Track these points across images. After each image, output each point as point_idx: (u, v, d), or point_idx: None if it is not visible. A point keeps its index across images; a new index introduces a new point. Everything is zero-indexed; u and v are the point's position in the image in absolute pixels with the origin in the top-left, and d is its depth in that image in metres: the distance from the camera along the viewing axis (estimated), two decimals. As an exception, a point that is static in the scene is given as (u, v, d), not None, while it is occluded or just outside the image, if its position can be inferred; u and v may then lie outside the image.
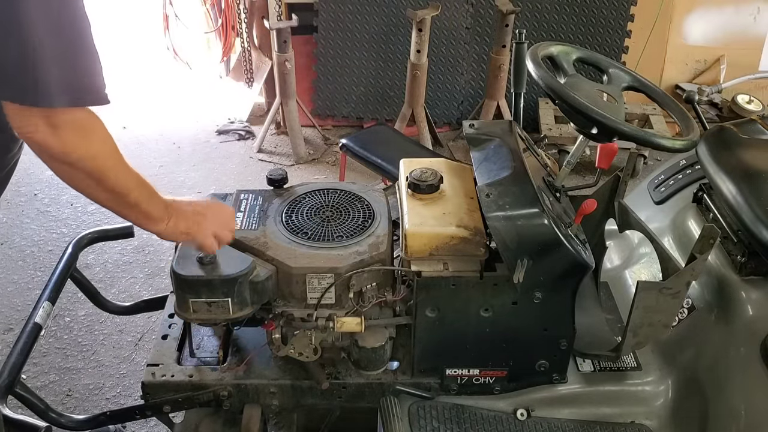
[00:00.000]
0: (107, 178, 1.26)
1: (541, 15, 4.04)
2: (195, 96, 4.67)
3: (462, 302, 1.58)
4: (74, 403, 2.48)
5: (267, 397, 1.69)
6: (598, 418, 1.71)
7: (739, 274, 1.66)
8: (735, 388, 1.57)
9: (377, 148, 3.03)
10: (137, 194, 1.32)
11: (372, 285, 1.61)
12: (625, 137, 1.45)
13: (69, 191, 3.67)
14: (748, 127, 1.95)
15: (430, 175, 1.68)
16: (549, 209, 1.52)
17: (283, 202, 1.73)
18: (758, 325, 1.58)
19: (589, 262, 1.51)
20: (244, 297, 1.53)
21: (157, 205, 1.38)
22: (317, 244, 1.61)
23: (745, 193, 1.65)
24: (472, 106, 4.27)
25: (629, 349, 1.67)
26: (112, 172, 1.27)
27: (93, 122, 1.20)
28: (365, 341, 1.63)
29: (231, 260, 1.54)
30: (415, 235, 1.56)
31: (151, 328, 2.78)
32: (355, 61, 4.12)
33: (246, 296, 1.53)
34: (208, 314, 1.54)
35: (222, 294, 1.51)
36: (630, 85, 1.69)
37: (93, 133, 1.21)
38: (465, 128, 1.79)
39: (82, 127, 1.18)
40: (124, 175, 1.30)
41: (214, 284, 1.50)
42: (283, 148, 4.19)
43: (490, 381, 1.70)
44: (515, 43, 1.78)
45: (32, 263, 3.13)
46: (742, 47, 4.31)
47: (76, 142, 1.18)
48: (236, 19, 4.17)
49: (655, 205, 2.02)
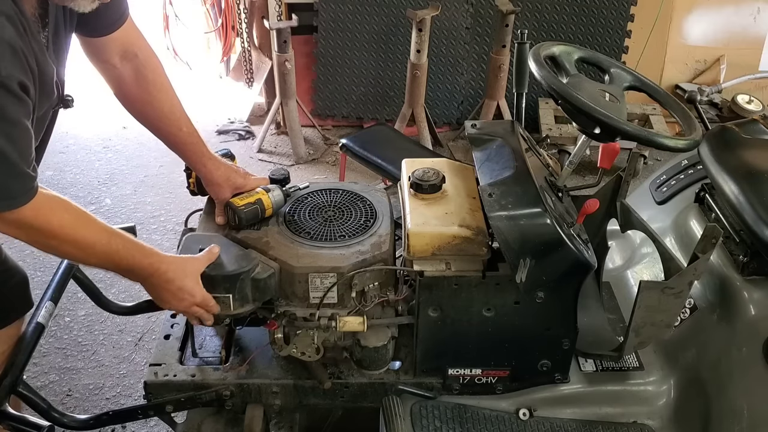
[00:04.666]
0: (63, 253, 1.40)
1: (541, 15, 4.04)
2: (195, 96, 4.66)
3: (464, 302, 1.58)
4: (74, 403, 2.48)
5: (269, 396, 1.69)
6: (601, 417, 1.71)
7: (742, 274, 1.66)
8: (737, 387, 1.57)
9: (377, 148, 3.03)
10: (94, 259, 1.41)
11: (374, 285, 1.61)
12: (628, 137, 1.45)
13: (69, 191, 3.68)
14: (750, 127, 1.95)
15: (433, 175, 1.68)
16: (551, 209, 1.52)
17: (286, 202, 1.73)
18: (760, 325, 1.58)
19: (592, 261, 1.51)
20: (246, 294, 1.53)
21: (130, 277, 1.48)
22: (320, 244, 1.61)
23: (747, 193, 1.65)
24: (472, 106, 4.27)
25: (631, 349, 1.67)
26: (65, 247, 1.36)
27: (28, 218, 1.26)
28: (367, 341, 1.63)
29: (234, 257, 1.55)
30: (418, 235, 1.55)
31: (151, 329, 2.78)
32: (355, 61, 4.12)
33: (247, 293, 1.53)
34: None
35: (224, 290, 1.52)
36: (632, 85, 1.69)
37: (30, 228, 1.28)
38: (467, 128, 1.79)
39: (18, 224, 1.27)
40: (85, 258, 1.41)
41: (216, 280, 1.51)
42: (283, 148, 4.19)
43: (492, 381, 1.70)
44: (517, 43, 1.78)
45: (32, 263, 3.12)
46: (742, 47, 4.32)
47: (16, 233, 1.28)
48: (236, 19, 4.16)
49: (657, 205, 2.02)
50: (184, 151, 1.69)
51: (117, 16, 1.51)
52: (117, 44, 1.55)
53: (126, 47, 1.57)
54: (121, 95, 1.63)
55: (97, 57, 1.57)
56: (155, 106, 1.63)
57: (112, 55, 1.57)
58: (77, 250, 1.37)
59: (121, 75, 1.60)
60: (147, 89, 1.61)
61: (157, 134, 1.68)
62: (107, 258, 1.40)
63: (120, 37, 1.54)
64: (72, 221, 1.34)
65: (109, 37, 1.52)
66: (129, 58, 1.58)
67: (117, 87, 1.62)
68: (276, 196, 1.69)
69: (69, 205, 1.35)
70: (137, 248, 1.44)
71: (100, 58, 1.57)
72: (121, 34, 1.53)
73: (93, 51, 1.56)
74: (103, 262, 1.41)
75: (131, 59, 1.59)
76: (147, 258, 1.45)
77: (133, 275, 1.46)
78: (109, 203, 3.64)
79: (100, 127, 4.28)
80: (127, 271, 1.44)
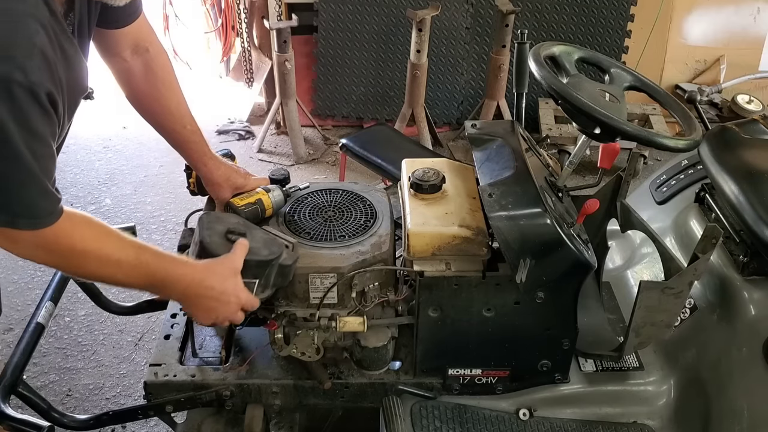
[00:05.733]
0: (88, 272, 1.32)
1: (541, 15, 4.05)
2: (195, 96, 4.65)
3: (464, 302, 1.58)
4: (74, 403, 2.48)
5: (269, 396, 1.69)
6: (601, 418, 1.71)
7: (742, 274, 1.66)
8: (737, 388, 1.57)
9: (377, 148, 3.03)
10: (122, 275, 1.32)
11: (374, 285, 1.61)
12: (628, 137, 1.45)
13: (69, 191, 3.68)
14: (751, 127, 1.95)
15: (433, 175, 1.68)
16: (551, 209, 1.52)
17: (286, 203, 1.73)
18: (760, 325, 1.58)
19: (592, 262, 1.51)
20: (270, 280, 1.49)
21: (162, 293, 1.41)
22: (319, 244, 1.61)
23: (748, 193, 1.65)
24: (472, 106, 4.27)
25: (631, 349, 1.67)
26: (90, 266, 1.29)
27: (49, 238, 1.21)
28: (368, 341, 1.63)
29: (264, 242, 1.49)
30: (418, 235, 1.55)
31: (151, 329, 2.78)
32: (355, 61, 4.12)
33: (271, 279, 1.49)
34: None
35: (251, 275, 1.45)
36: (632, 85, 1.69)
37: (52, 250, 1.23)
38: (467, 128, 1.79)
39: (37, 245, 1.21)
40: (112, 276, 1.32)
41: (248, 265, 1.44)
42: (283, 148, 4.19)
43: (492, 381, 1.70)
44: (517, 43, 1.78)
45: (32, 263, 3.11)
46: (742, 47, 4.32)
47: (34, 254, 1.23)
48: (236, 19, 4.16)
49: (657, 205, 2.02)
50: (186, 149, 1.68)
51: (133, 9, 1.50)
52: (129, 38, 1.54)
53: (138, 42, 1.56)
54: (129, 89, 1.62)
55: (108, 50, 1.55)
56: (162, 102, 1.62)
57: (124, 49, 1.55)
58: (104, 268, 1.29)
59: (131, 69, 1.58)
60: (155, 85, 1.60)
61: (161, 131, 1.67)
62: (137, 273, 1.31)
63: (133, 31, 1.53)
64: (95, 237, 1.27)
65: (123, 30, 1.51)
66: (140, 52, 1.57)
67: (125, 81, 1.60)
68: (276, 196, 1.69)
69: (91, 220, 1.28)
70: (168, 259, 1.36)
71: (111, 51, 1.55)
72: (134, 28, 1.52)
73: (105, 43, 1.53)
74: (134, 279, 1.32)
75: (142, 54, 1.58)
76: (180, 268, 1.37)
77: (167, 290, 1.38)
78: (109, 203, 3.65)
79: (100, 127, 4.28)
80: (161, 286, 1.36)
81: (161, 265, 1.34)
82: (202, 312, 1.43)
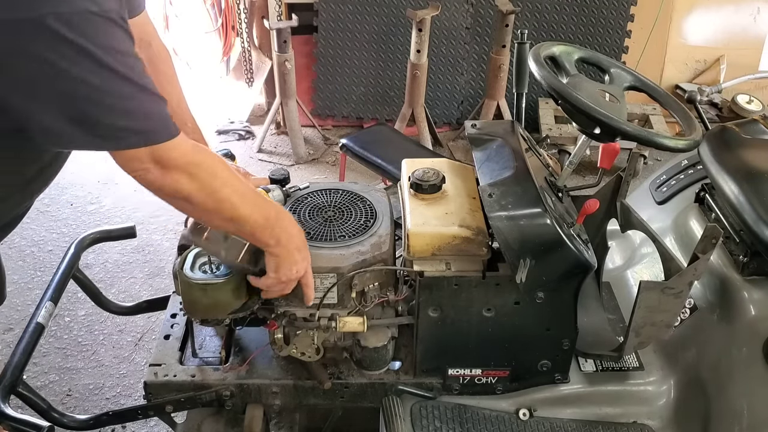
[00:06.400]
0: (222, 198, 1.28)
1: (541, 15, 4.05)
2: (195, 96, 4.66)
3: (464, 302, 1.58)
4: (74, 403, 2.48)
5: (269, 396, 1.69)
6: (601, 418, 1.71)
7: (742, 274, 1.66)
8: (737, 388, 1.57)
9: (377, 148, 3.03)
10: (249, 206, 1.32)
11: (374, 285, 1.61)
12: (628, 137, 1.45)
13: (69, 191, 3.68)
14: (750, 127, 1.95)
15: (433, 175, 1.68)
16: (551, 209, 1.52)
17: (286, 203, 1.73)
18: (760, 325, 1.58)
19: (592, 262, 1.51)
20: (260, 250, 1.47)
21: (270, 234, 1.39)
22: (319, 244, 1.61)
23: (748, 193, 1.65)
24: (472, 106, 4.27)
25: (631, 349, 1.67)
26: (226, 190, 1.28)
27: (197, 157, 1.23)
28: (367, 341, 1.63)
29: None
30: (418, 235, 1.55)
31: (151, 328, 2.78)
32: (355, 61, 4.12)
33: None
34: (216, 246, 1.46)
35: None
36: (632, 85, 1.69)
37: (200, 169, 1.23)
38: (467, 128, 1.79)
39: (188, 164, 1.21)
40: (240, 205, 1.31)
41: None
42: (283, 148, 4.19)
43: (492, 381, 1.70)
44: (517, 43, 1.78)
45: (32, 263, 3.13)
46: (742, 47, 4.32)
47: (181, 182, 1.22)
48: (236, 19, 4.16)
49: (657, 205, 2.02)
50: None
51: (139, 1, 1.50)
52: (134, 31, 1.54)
53: (141, 36, 1.54)
54: None
55: None
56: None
57: None
58: (236, 195, 1.29)
59: None
60: (157, 80, 1.58)
61: None
62: (259, 204, 1.35)
63: (137, 25, 1.51)
64: (221, 161, 1.29)
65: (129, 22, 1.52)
66: (143, 47, 1.56)
67: None
68: (276, 197, 1.69)
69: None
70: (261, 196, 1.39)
71: None
72: (139, 21, 1.51)
73: None
74: (257, 210, 1.34)
75: (145, 48, 1.56)
76: (273, 206, 1.41)
77: (278, 227, 1.38)
78: (109, 203, 3.64)
79: (100, 127, 4.27)
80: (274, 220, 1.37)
81: (273, 203, 1.41)
82: (290, 259, 1.43)
